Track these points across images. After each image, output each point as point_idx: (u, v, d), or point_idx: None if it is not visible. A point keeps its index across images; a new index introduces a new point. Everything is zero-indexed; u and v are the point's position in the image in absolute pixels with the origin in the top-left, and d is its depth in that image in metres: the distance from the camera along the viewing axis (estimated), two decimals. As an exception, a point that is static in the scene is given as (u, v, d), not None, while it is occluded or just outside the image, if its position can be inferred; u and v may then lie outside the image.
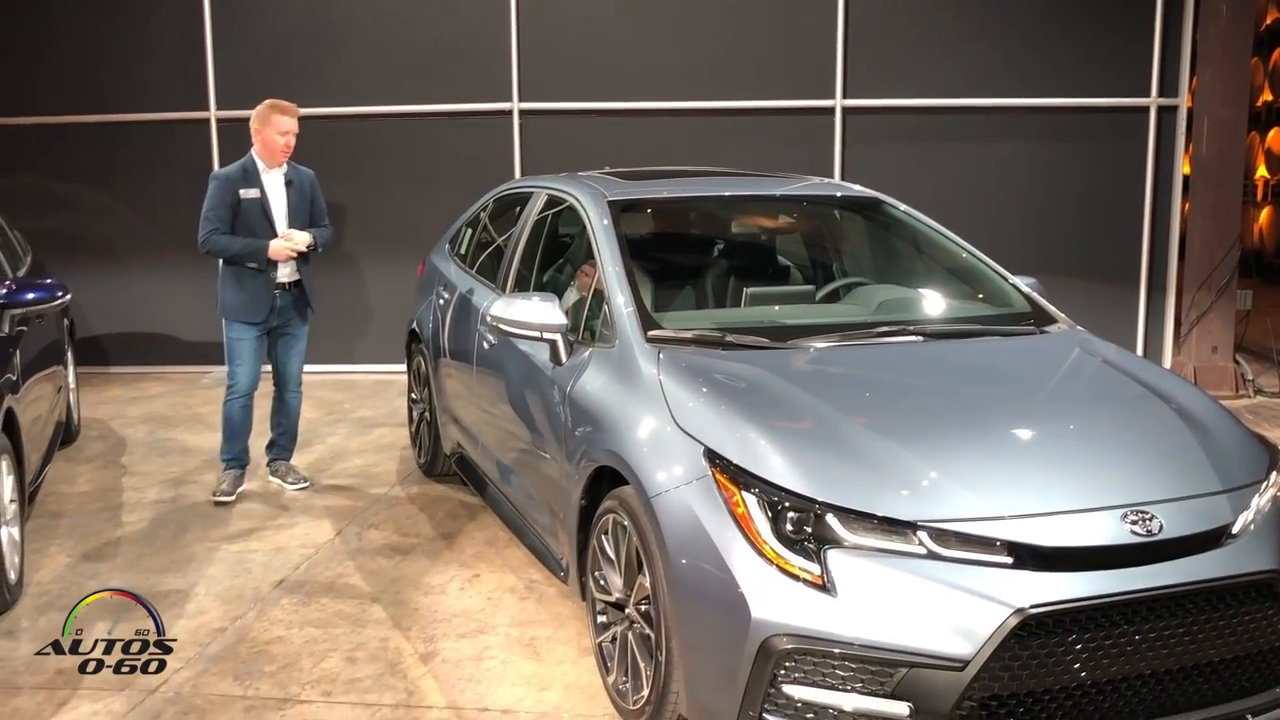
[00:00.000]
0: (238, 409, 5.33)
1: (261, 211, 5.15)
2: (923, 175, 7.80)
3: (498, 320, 3.82)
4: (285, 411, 5.53)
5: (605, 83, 8.03)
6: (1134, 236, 7.89)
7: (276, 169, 5.21)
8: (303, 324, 5.42)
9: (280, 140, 5.14)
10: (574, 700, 3.37)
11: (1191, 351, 7.70)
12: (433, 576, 4.36)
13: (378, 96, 8.16)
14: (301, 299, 5.35)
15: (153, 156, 8.32)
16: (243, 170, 5.19)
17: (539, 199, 4.72)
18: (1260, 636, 2.76)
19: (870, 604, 2.59)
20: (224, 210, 5.11)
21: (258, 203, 5.15)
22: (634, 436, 3.21)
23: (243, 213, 5.13)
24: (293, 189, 5.26)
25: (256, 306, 5.20)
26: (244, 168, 5.20)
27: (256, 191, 5.15)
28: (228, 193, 5.12)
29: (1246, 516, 2.86)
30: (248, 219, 5.14)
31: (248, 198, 5.13)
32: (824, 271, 4.80)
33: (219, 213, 5.11)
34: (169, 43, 8.28)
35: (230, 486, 5.36)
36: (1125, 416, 3.23)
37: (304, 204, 5.31)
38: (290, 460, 5.65)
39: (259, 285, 5.19)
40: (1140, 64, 7.74)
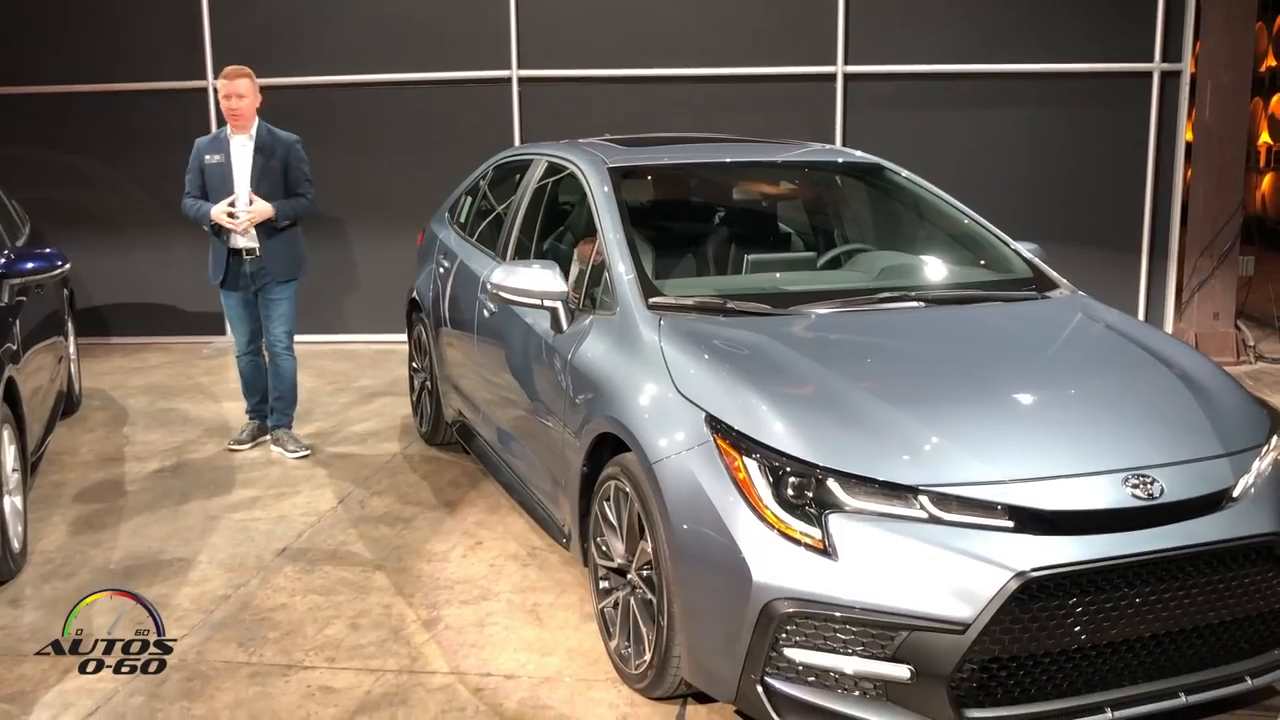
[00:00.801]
0: (244, 365, 5.65)
1: (221, 176, 5.32)
2: (924, 141, 7.76)
3: (498, 288, 3.81)
4: (277, 374, 5.63)
5: (605, 50, 7.98)
6: (1136, 202, 7.86)
7: (244, 134, 5.35)
8: (280, 288, 5.46)
9: (223, 104, 5.33)
10: (576, 665, 3.39)
11: (1193, 318, 7.69)
12: (435, 544, 4.38)
13: (377, 65, 8.11)
14: (272, 265, 5.38)
15: (151, 125, 8.28)
16: (214, 136, 5.48)
17: (539, 166, 4.70)
18: (1260, 599, 2.77)
19: (871, 568, 2.60)
20: (194, 175, 5.39)
21: (219, 167, 5.32)
22: (636, 403, 3.21)
23: (208, 177, 5.35)
24: (261, 155, 5.33)
25: (216, 269, 5.44)
26: (217, 134, 5.47)
27: (220, 157, 5.34)
28: (196, 157, 5.39)
29: (1247, 480, 2.86)
30: (212, 183, 5.34)
31: (211, 162, 5.34)
32: (825, 238, 4.78)
33: (190, 178, 5.40)
34: (167, 11, 8.23)
35: (247, 436, 5.71)
36: (1126, 381, 3.23)
37: (274, 170, 5.34)
38: (291, 428, 5.69)
39: (218, 250, 5.41)
40: (1143, 29, 7.68)
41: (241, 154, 5.33)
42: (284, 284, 5.47)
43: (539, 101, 8.07)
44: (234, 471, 5.33)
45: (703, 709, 3.11)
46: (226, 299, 5.51)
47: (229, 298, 5.49)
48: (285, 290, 5.48)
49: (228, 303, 5.52)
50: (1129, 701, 2.67)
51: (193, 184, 5.38)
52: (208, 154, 5.34)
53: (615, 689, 3.24)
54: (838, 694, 2.64)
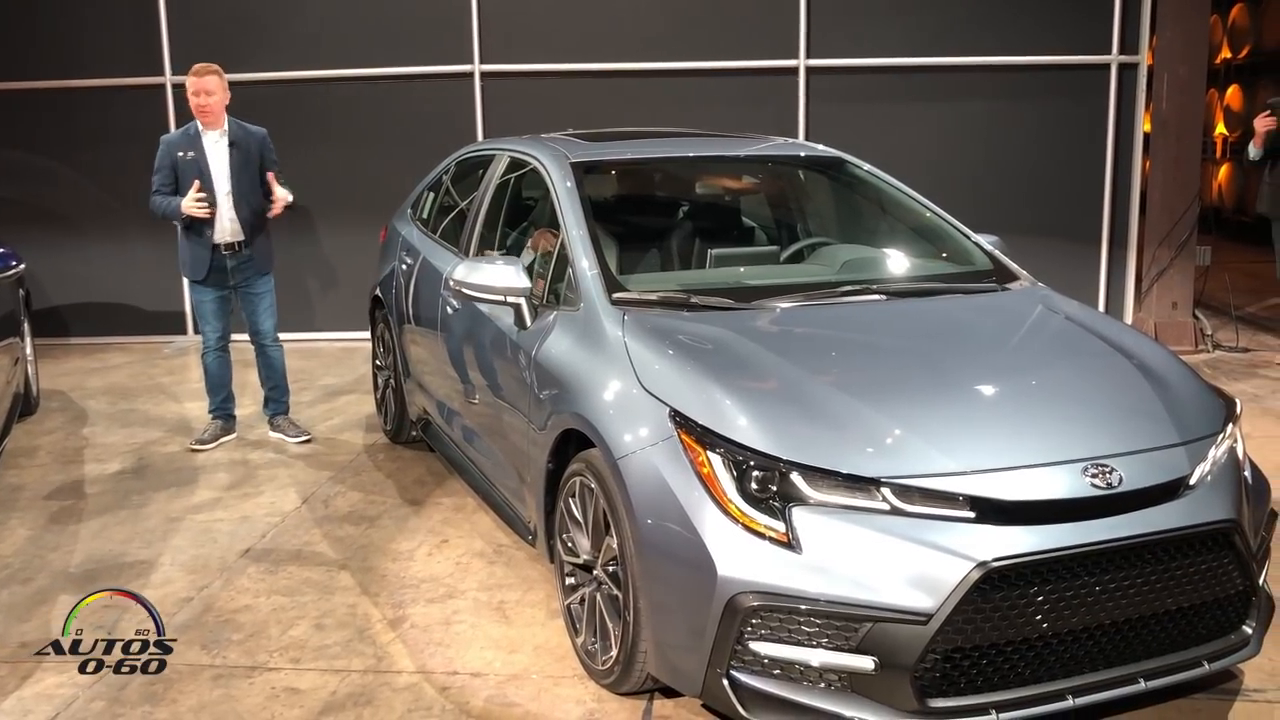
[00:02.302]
0: (210, 361, 5.60)
1: (198, 172, 5.29)
2: (886, 134, 7.81)
3: (460, 285, 3.79)
4: (269, 365, 5.71)
5: (568, 44, 7.96)
6: (1095, 194, 7.95)
7: (215, 130, 5.35)
8: (263, 280, 5.56)
9: (192, 100, 5.32)
10: (543, 662, 3.39)
11: (1152, 307, 7.78)
12: (400, 543, 4.36)
13: (337, 59, 8.05)
14: (257, 259, 5.47)
15: (108, 122, 8.17)
16: (184, 133, 5.41)
17: (501, 162, 4.68)
18: (1216, 585, 2.81)
19: (835, 560, 2.61)
20: (165, 173, 5.34)
21: (194, 163, 5.30)
22: (600, 399, 3.21)
23: (182, 174, 5.31)
24: (236, 149, 5.36)
25: (197, 266, 5.40)
26: (186, 131, 5.41)
27: (194, 153, 5.31)
28: (167, 155, 5.34)
29: (1203, 468, 2.90)
30: (187, 179, 5.28)
31: (185, 159, 5.30)
32: (788, 232, 4.79)
33: (160, 175, 5.34)
34: (123, 6, 8.11)
35: (209, 436, 5.64)
36: (1085, 372, 3.26)
37: (250, 164, 5.40)
38: (288, 414, 5.80)
39: (199, 246, 5.38)
40: (1101, 22, 7.76)
41: (216, 150, 5.34)
42: (264, 276, 5.54)
43: (502, 96, 8.04)
44: (196, 472, 5.27)
45: (669, 704, 3.12)
46: (202, 295, 5.48)
47: (205, 293, 5.46)
48: (267, 283, 5.57)
49: (202, 298, 5.48)
50: (1090, 688, 2.70)
51: (164, 181, 5.33)
52: (180, 150, 5.30)
53: (582, 685, 3.24)
54: (803, 686, 2.65)
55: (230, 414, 5.77)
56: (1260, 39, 13.39)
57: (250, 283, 5.50)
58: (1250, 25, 13.64)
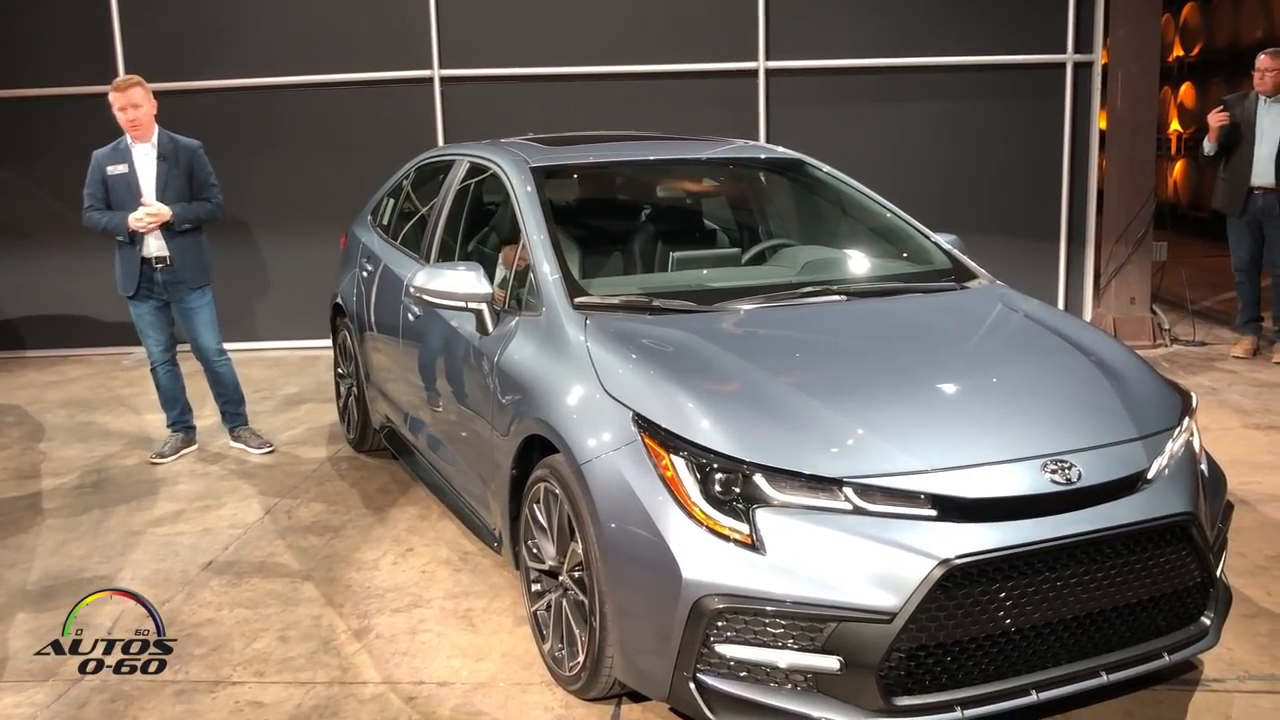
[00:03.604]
0: (160, 376, 5.57)
1: (127, 187, 5.25)
2: (846, 135, 7.85)
3: (422, 291, 3.76)
4: (218, 381, 5.66)
5: (527, 48, 7.94)
6: (1053, 191, 8.04)
7: (145, 143, 5.29)
8: (195, 295, 5.44)
9: (119, 116, 5.22)
10: (510, 669, 3.37)
11: (1111, 303, 7.88)
12: (365, 552, 4.32)
13: (295, 66, 7.98)
14: (183, 272, 5.35)
15: (61, 132, 8.05)
16: (114, 147, 5.33)
17: (461, 167, 4.66)
18: (1175, 577, 2.84)
19: (799, 560, 2.62)
20: (96, 188, 5.29)
21: (124, 178, 5.25)
22: (563, 404, 3.20)
23: (112, 189, 5.27)
24: (166, 162, 5.29)
25: (128, 280, 5.36)
26: (116, 145, 5.33)
27: (124, 167, 5.25)
28: (97, 170, 5.28)
29: (1161, 462, 2.93)
30: (118, 194, 5.26)
31: (114, 174, 5.25)
32: (749, 234, 4.81)
33: (91, 190, 5.29)
34: (76, 14, 8.00)
35: (169, 449, 5.59)
36: (1044, 369, 3.28)
37: (179, 177, 5.31)
38: (248, 424, 5.78)
39: (128, 260, 5.34)
40: (1056, 22, 7.85)
41: (145, 163, 5.28)
42: (196, 290, 5.42)
43: (462, 101, 8.01)
44: (157, 485, 5.21)
45: (637, 708, 3.12)
46: (138, 309, 5.43)
47: (140, 307, 5.42)
48: (201, 298, 5.45)
49: (139, 313, 5.44)
50: (1053, 683, 2.72)
51: (94, 197, 5.28)
52: (110, 165, 5.25)
53: (550, 692, 3.23)
54: (769, 687, 2.65)
55: (189, 425, 5.72)
56: (1211, 37, 13.60)
57: (183, 298, 5.41)
58: (1201, 24, 13.85)
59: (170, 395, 5.60)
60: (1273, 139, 6.83)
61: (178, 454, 5.59)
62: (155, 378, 5.57)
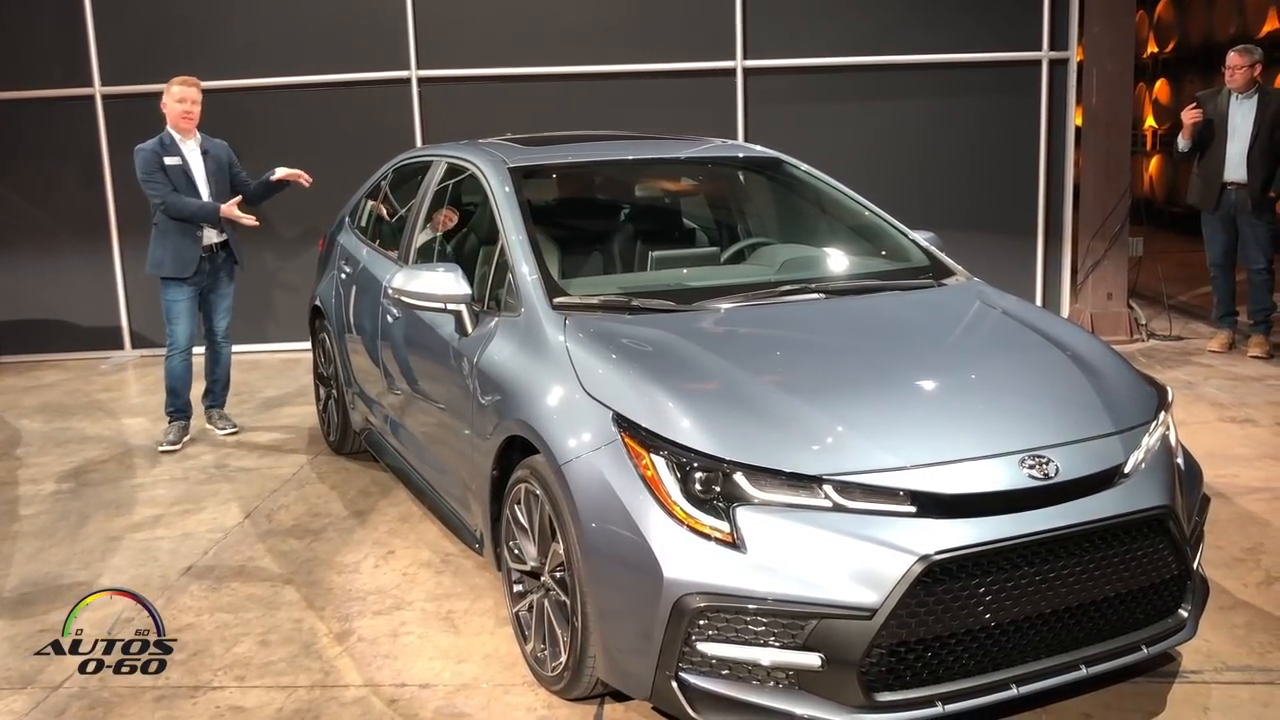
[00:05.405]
0: (178, 364, 5.75)
1: (186, 177, 5.56)
2: (824, 134, 7.88)
3: (400, 293, 3.76)
4: (218, 359, 5.99)
5: (505, 48, 7.93)
6: (1030, 188, 8.08)
7: (191, 140, 5.64)
8: (230, 283, 5.93)
9: (178, 108, 5.55)
10: (493, 670, 3.37)
11: (1088, 298, 7.93)
12: (346, 555, 4.31)
13: (271, 68, 7.95)
14: (229, 260, 5.80)
15: (36, 135, 7.99)
16: (159, 141, 5.57)
17: (439, 168, 4.65)
18: (1152, 570, 2.87)
19: (780, 558, 2.62)
20: (162, 174, 5.50)
21: (180, 169, 5.55)
22: (543, 405, 3.20)
23: (173, 179, 5.51)
24: (209, 158, 5.69)
25: (183, 264, 5.57)
26: (161, 140, 5.57)
27: (178, 159, 5.55)
28: (153, 161, 5.49)
29: (1138, 456, 2.95)
30: (179, 185, 5.52)
31: (172, 164, 5.52)
32: (728, 233, 4.82)
33: (159, 177, 5.49)
34: (48, 15, 7.93)
35: (175, 437, 5.79)
36: (1021, 365, 3.30)
37: (222, 171, 5.73)
38: (223, 408, 6.11)
39: (187, 245, 5.57)
40: (1031, 19, 7.90)
41: (194, 156, 5.61)
42: (231, 279, 5.91)
43: (440, 101, 7.99)
44: (136, 490, 5.18)
45: (620, 708, 3.12)
46: (177, 294, 5.62)
47: (181, 292, 5.63)
48: (231, 284, 5.92)
49: (176, 298, 5.63)
50: (1033, 677, 2.74)
51: (165, 183, 5.48)
52: (166, 157, 5.48)
53: (532, 692, 3.23)
54: (751, 685, 2.66)
55: (188, 416, 5.91)
56: (1185, 34, 13.70)
57: (219, 283, 5.81)
58: (1175, 20, 13.95)
59: (182, 384, 5.78)
60: (1245, 135, 6.89)
61: (182, 440, 5.80)
62: (171, 365, 5.72)
